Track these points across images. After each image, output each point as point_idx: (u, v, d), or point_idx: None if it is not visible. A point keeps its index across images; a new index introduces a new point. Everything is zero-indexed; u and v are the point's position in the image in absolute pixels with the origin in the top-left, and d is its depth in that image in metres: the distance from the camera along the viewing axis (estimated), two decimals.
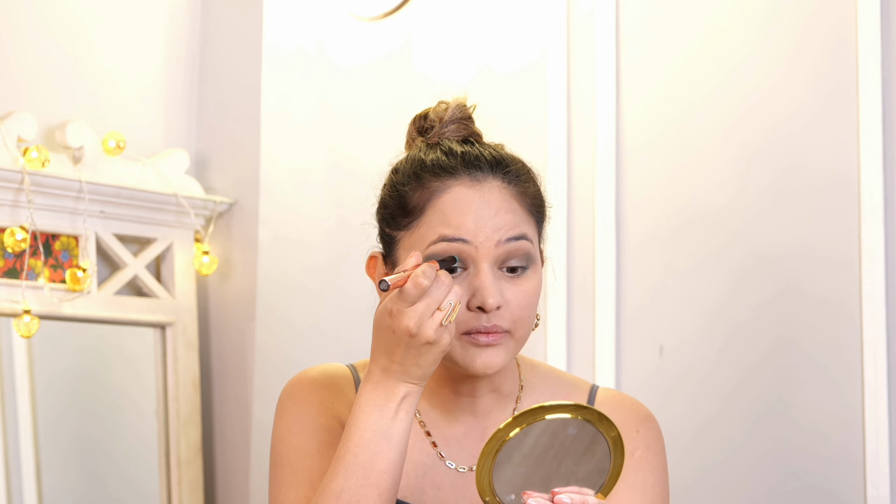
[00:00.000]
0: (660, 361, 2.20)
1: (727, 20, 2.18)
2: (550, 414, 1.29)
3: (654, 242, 2.23)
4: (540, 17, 2.36)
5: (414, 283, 1.40)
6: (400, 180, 1.53)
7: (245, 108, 2.65)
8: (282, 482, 1.51)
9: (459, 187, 1.50)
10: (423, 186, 1.51)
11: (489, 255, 1.47)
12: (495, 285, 1.46)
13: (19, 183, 2.31)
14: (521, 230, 1.50)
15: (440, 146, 1.54)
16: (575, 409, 1.30)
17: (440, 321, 1.40)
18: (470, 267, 1.48)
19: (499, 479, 1.30)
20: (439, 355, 1.42)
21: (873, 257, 1.98)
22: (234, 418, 2.61)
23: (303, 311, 2.60)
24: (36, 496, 2.42)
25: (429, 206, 1.49)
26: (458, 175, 1.50)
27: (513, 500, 1.31)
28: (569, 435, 1.31)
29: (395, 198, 1.53)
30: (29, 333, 2.28)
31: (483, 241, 1.47)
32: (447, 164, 1.51)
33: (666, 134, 2.23)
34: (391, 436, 1.42)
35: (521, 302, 1.49)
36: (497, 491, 1.30)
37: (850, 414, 2.00)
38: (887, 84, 2.00)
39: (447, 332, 1.41)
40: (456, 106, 1.58)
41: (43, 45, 2.50)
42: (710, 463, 2.13)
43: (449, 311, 1.41)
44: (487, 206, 1.49)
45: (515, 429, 1.29)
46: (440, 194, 1.49)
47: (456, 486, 1.54)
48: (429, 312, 1.40)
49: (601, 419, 1.31)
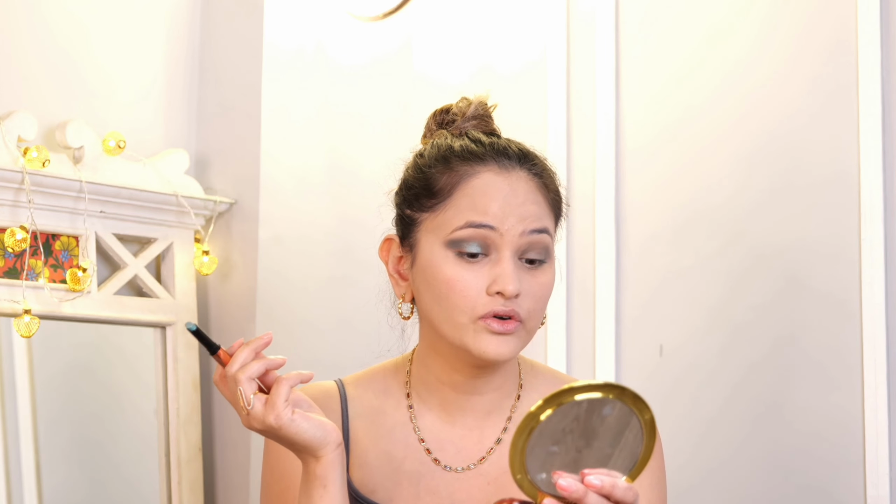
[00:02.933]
0: (660, 362, 2.20)
1: (727, 20, 2.18)
2: (581, 394, 1.29)
3: (654, 242, 2.23)
4: (540, 17, 2.36)
5: (216, 384, 1.46)
6: (426, 163, 1.54)
7: (245, 108, 2.65)
8: None
9: (488, 173, 1.51)
10: (451, 169, 1.52)
11: (512, 244, 1.49)
12: (516, 273, 1.47)
13: (19, 183, 2.31)
14: (544, 223, 1.52)
15: (467, 135, 1.55)
16: (607, 389, 1.30)
17: (245, 409, 1.42)
18: (492, 254, 1.49)
19: (531, 458, 1.30)
20: (281, 431, 1.42)
21: (873, 256, 1.98)
22: (234, 418, 2.61)
23: (303, 311, 2.60)
24: (36, 496, 2.42)
25: (457, 189, 1.50)
26: (487, 161, 1.52)
27: (544, 479, 1.31)
28: (603, 416, 1.30)
29: (421, 179, 1.53)
30: (29, 333, 2.28)
31: (508, 228, 1.48)
32: (476, 150, 1.52)
33: (666, 134, 2.23)
34: None
35: (536, 294, 1.50)
36: (529, 470, 1.31)
37: (849, 414, 2.00)
38: (887, 84, 2.00)
39: (267, 412, 1.42)
40: (478, 103, 1.60)
41: (43, 45, 2.49)
42: (710, 464, 2.13)
43: (241, 397, 1.42)
44: (515, 195, 1.50)
45: (549, 409, 1.29)
46: (469, 178, 1.51)
47: (452, 489, 1.54)
48: (240, 409, 1.43)
49: (636, 400, 1.31)
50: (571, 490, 1.28)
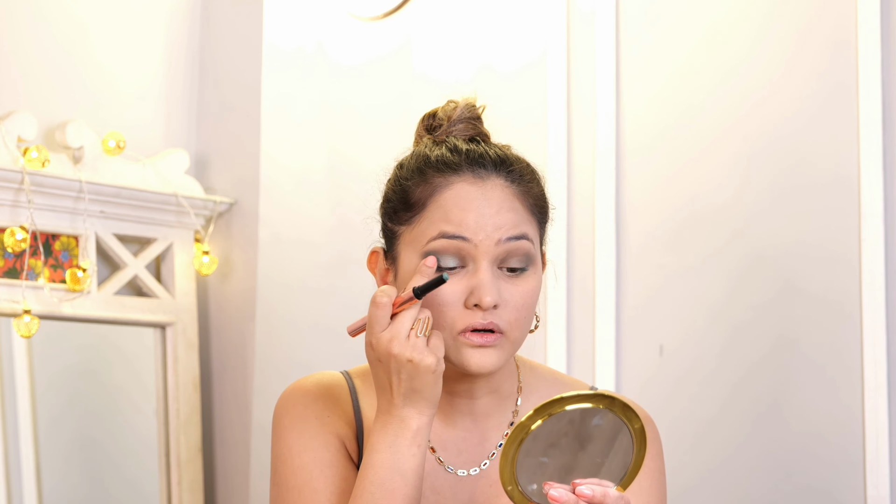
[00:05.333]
0: (660, 362, 2.20)
1: (727, 20, 2.18)
2: (571, 404, 1.29)
3: (654, 242, 2.23)
4: (540, 17, 2.36)
5: (375, 304, 1.43)
6: (404, 175, 1.53)
7: (245, 108, 2.65)
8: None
9: (462, 184, 1.49)
10: (426, 181, 1.50)
11: (489, 254, 1.47)
12: (493, 284, 1.46)
13: (19, 183, 2.31)
14: (522, 230, 1.49)
15: (446, 143, 1.53)
16: (597, 399, 1.30)
17: (414, 336, 1.41)
18: (469, 265, 1.47)
19: (522, 468, 1.30)
20: (431, 375, 1.42)
21: (873, 257, 1.98)
22: (234, 418, 2.61)
23: (303, 311, 2.60)
24: (36, 496, 2.42)
25: (431, 201, 1.49)
26: (462, 172, 1.50)
27: (535, 490, 1.31)
28: (593, 426, 1.30)
29: (398, 192, 1.53)
30: (29, 333, 2.28)
31: (483, 239, 1.47)
32: (451, 160, 1.51)
33: (666, 134, 2.23)
34: (405, 472, 1.42)
35: (518, 303, 1.48)
36: (520, 481, 1.30)
37: (849, 414, 2.00)
38: (887, 84, 2.00)
39: (431, 351, 1.42)
40: (465, 105, 1.57)
41: (43, 45, 2.49)
42: (710, 464, 2.13)
43: (422, 325, 1.42)
44: (489, 204, 1.48)
45: (539, 419, 1.29)
46: (442, 190, 1.49)
47: (456, 491, 1.54)
48: (402, 331, 1.42)
49: (625, 410, 1.31)
50: (563, 500, 1.28)
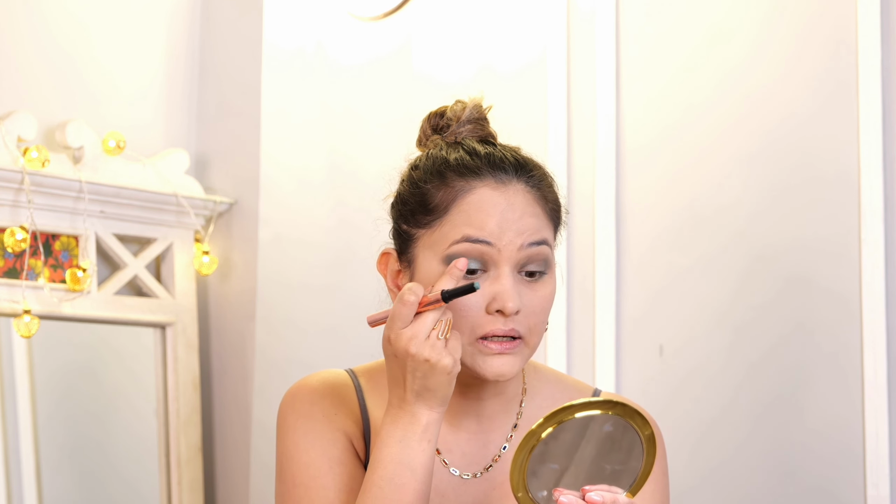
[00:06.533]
0: (661, 363, 2.20)
1: (727, 20, 2.18)
2: (581, 412, 1.29)
3: (654, 243, 2.23)
4: (540, 17, 2.36)
5: (401, 301, 1.41)
6: (421, 177, 1.51)
7: (245, 108, 2.65)
8: (296, 502, 1.50)
9: (485, 188, 1.48)
10: (447, 185, 1.49)
11: (511, 259, 1.46)
12: (516, 290, 1.45)
13: (19, 183, 2.31)
14: (543, 235, 1.49)
15: (462, 146, 1.53)
16: (607, 406, 1.30)
17: (435, 337, 1.41)
18: (490, 270, 1.46)
19: (532, 476, 1.30)
20: (446, 377, 1.41)
21: (874, 256, 1.98)
22: (234, 418, 2.61)
23: (303, 311, 2.60)
24: (36, 496, 2.42)
25: (453, 205, 1.48)
26: (483, 176, 1.49)
27: (545, 496, 1.31)
28: (604, 432, 1.31)
29: (417, 195, 1.51)
30: (29, 333, 2.28)
31: (506, 244, 1.46)
32: (472, 164, 1.50)
33: (666, 134, 2.23)
34: (415, 467, 1.42)
35: (536, 308, 1.48)
36: (530, 488, 1.31)
37: (850, 413, 2.00)
38: (887, 84, 2.00)
39: (448, 353, 1.41)
40: (473, 106, 1.56)
41: (43, 45, 2.49)
42: (711, 463, 2.13)
43: (443, 327, 1.41)
44: (512, 209, 1.48)
45: (549, 427, 1.29)
46: (465, 194, 1.48)
47: (459, 493, 1.54)
48: (423, 331, 1.41)
49: (635, 416, 1.31)
50: None
